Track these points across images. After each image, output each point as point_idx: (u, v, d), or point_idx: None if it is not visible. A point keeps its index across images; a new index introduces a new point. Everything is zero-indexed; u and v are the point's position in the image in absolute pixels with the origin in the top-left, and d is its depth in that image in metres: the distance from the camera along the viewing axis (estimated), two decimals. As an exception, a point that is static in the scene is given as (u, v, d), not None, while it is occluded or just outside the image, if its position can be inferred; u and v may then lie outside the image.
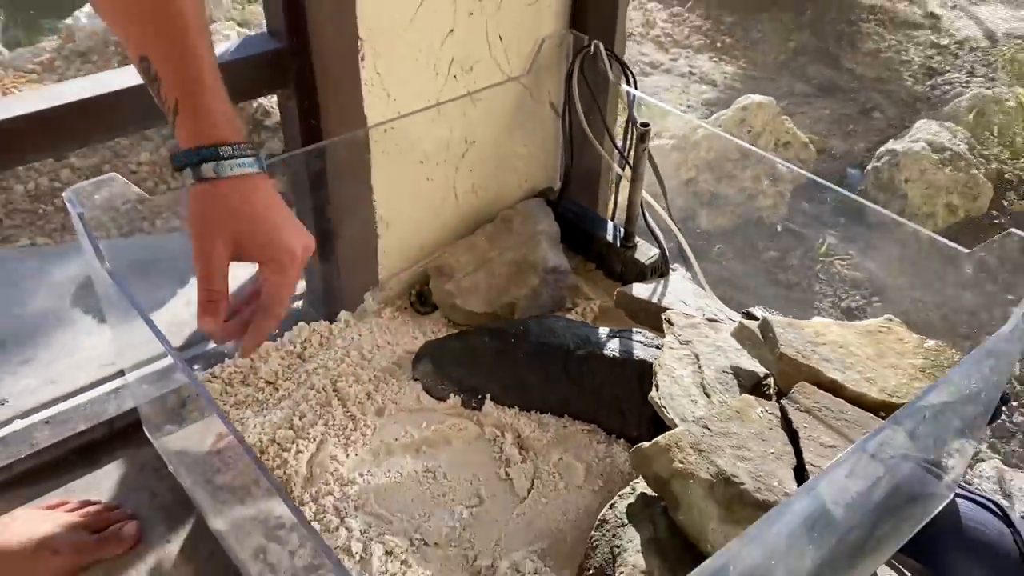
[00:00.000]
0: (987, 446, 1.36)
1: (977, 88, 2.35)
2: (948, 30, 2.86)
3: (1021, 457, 1.35)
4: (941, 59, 2.68)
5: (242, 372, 1.21)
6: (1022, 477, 1.28)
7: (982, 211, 1.83)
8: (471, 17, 1.23)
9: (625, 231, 1.38)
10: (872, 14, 2.87)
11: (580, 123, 1.36)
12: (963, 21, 2.94)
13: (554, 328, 1.16)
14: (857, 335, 1.05)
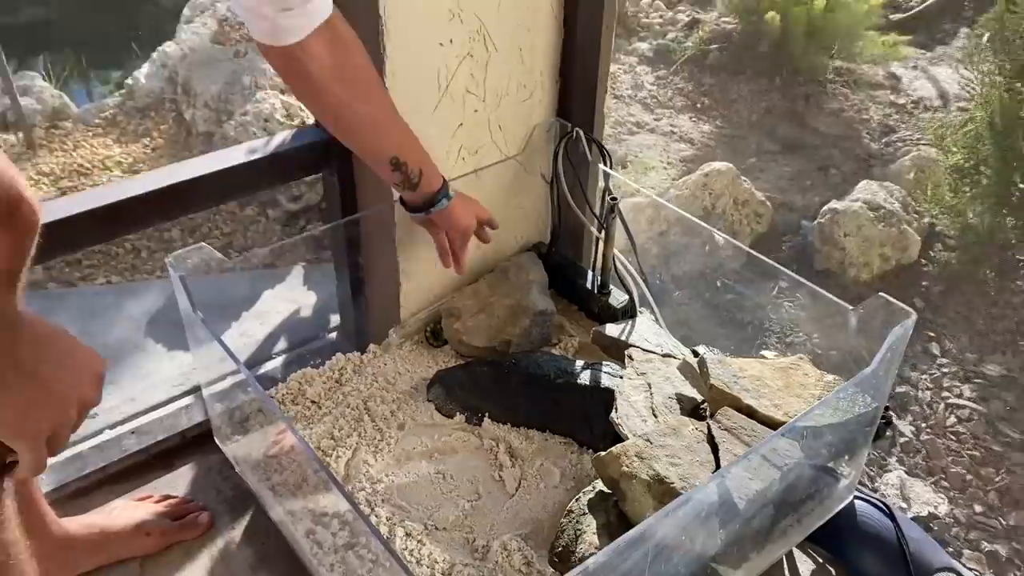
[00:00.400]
0: (896, 460, 1.61)
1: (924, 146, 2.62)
2: (906, 90, 3.13)
3: (922, 469, 1.60)
4: (897, 117, 2.95)
5: (292, 393, 1.48)
6: (919, 484, 1.53)
7: (912, 259, 2.08)
8: (476, 113, 1.51)
9: (601, 280, 1.66)
10: (839, 75, 3.14)
11: (565, 194, 1.63)
12: (920, 81, 3.21)
13: (539, 362, 1.43)
14: (772, 370, 1.32)
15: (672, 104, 2.84)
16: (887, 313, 1.20)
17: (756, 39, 2.97)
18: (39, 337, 0.74)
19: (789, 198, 2.39)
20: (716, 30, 3.20)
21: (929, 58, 3.51)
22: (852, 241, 2.01)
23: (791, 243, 2.24)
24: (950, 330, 1.97)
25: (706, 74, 3.02)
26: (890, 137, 2.80)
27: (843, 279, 2.12)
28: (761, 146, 2.67)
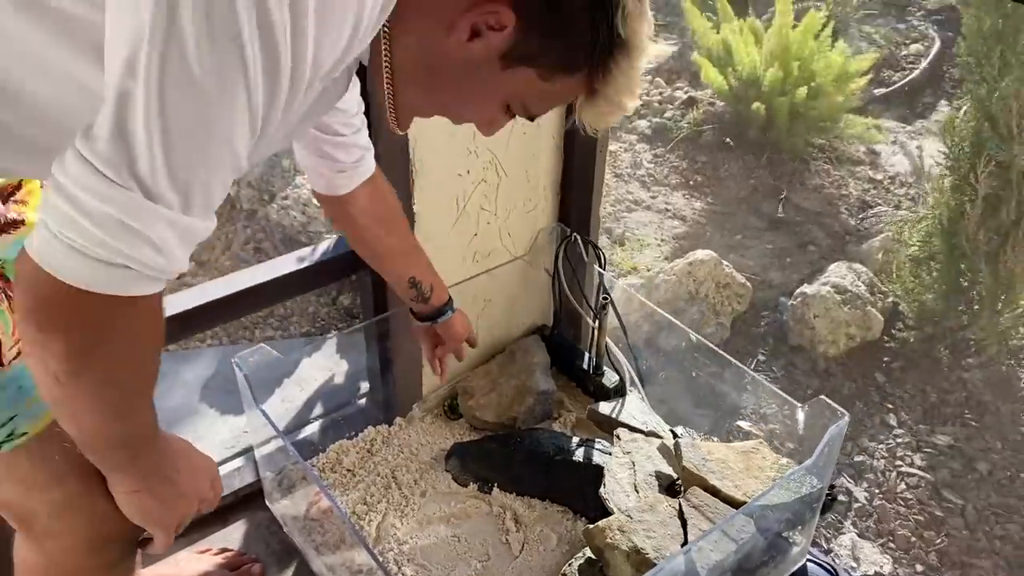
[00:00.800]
0: (850, 523, 1.82)
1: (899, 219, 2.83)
2: (884, 166, 3.35)
3: (873, 531, 1.80)
4: (875, 193, 3.16)
5: (330, 462, 1.70)
6: (868, 546, 1.73)
7: (876, 337, 2.29)
8: (488, 225, 1.74)
9: (595, 363, 1.88)
10: (822, 152, 3.37)
11: (564, 288, 1.86)
12: (897, 157, 3.43)
13: (541, 440, 1.65)
14: (735, 454, 1.54)
15: (668, 181, 3.06)
16: (828, 411, 1.41)
17: (745, 123, 3.20)
18: (173, 451, 0.97)
19: (770, 275, 2.60)
20: (710, 111, 3.43)
21: (908, 132, 3.72)
22: (821, 322, 2.23)
23: (769, 319, 2.45)
24: (907, 403, 2.17)
25: (700, 152, 3.25)
26: (866, 213, 3.01)
27: (813, 354, 2.33)
28: (747, 223, 2.88)
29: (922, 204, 2.83)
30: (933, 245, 2.11)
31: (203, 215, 0.70)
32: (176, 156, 0.65)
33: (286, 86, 0.67)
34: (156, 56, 0.62)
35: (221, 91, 0.64)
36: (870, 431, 2.08)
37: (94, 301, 0.68)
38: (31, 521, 1.01)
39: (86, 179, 0.64)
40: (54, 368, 0.71)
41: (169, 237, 0.68)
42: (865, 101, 3.69)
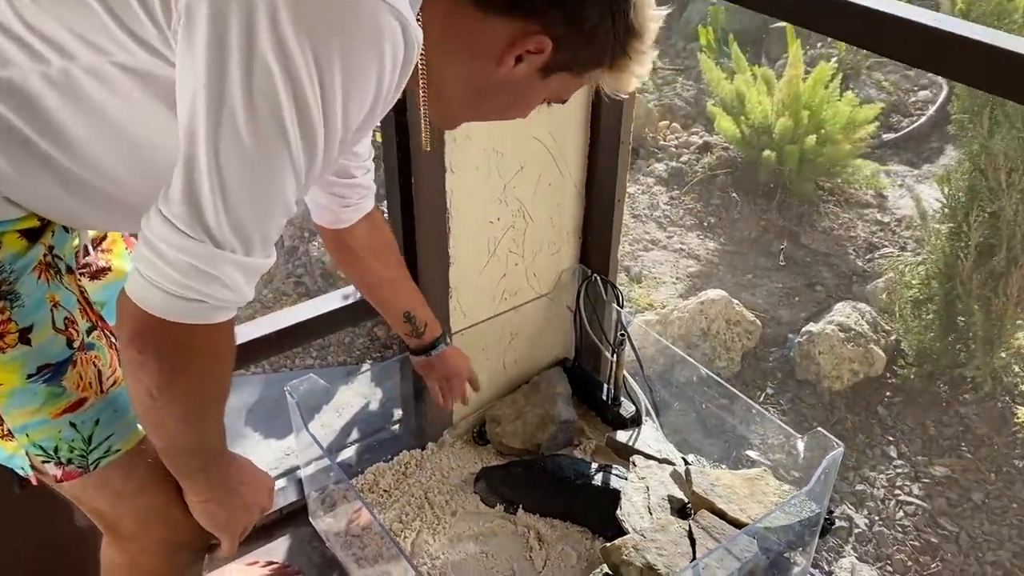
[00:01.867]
0: (851, 547, 1.91)
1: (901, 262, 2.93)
2: (891, 209, 3.46)
3: (872, 556, 1.89)
4: (882, 235, 3.27)
5: (368, 484, 1.83)
6: (867, 569, 1.83)
7: (878, 373, 2.39)
8: (516, 266, 1.87)
9: (614, 394, 1.99)
10: (831, 195, 3.48)
11: (585, 325, 1.99)
12: (904, 200, 3.54)
13: (563, 465, 1.77)
14: (741, 480, 1.65)
15: (683, 223, 3.19)
16: (825, 442, 1.52)
17: (756, 168, 3.32)
18: (238, 465, 1.10)
19: (778, 313, 2.71)
20: (723, 156, 3.56)
21: (915, 175, 3.83)
22: (826, 358, 2.34)
23: (777, 355, 2.56)
24: (906, 435, 2.26)
25: (714, 195, 3.37)
26: (873, 254, 3.11)
27: (819, 388, 2.43)
28: (757, 263, 3.00)
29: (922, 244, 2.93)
30: (931, 288, 2.22)
31: (263, 254, 0.82)
32: (236, 211, 0.78)
33: (322, 147, 0.79)
34: (212, 128, 0.74)
35: (269, 156, 0.76)
36: (871, 462, 2.18)
37: (180, 329, 0.81)
38: (117, 526, 1.14)
39: (167, 234, 0.78)
40: (148, 384, 0.85)
41: (236, 276, 0.81)
42: (874, 146, 3.80)
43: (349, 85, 0.76)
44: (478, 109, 1.00)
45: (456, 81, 0.95)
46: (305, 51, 0.73)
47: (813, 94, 3.27)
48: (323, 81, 0.75)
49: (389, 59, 0.78)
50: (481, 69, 0.92)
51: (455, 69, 0.93)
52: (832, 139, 3.22)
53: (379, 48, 0.76)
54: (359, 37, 0.75)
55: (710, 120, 3.66)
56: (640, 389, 1.96)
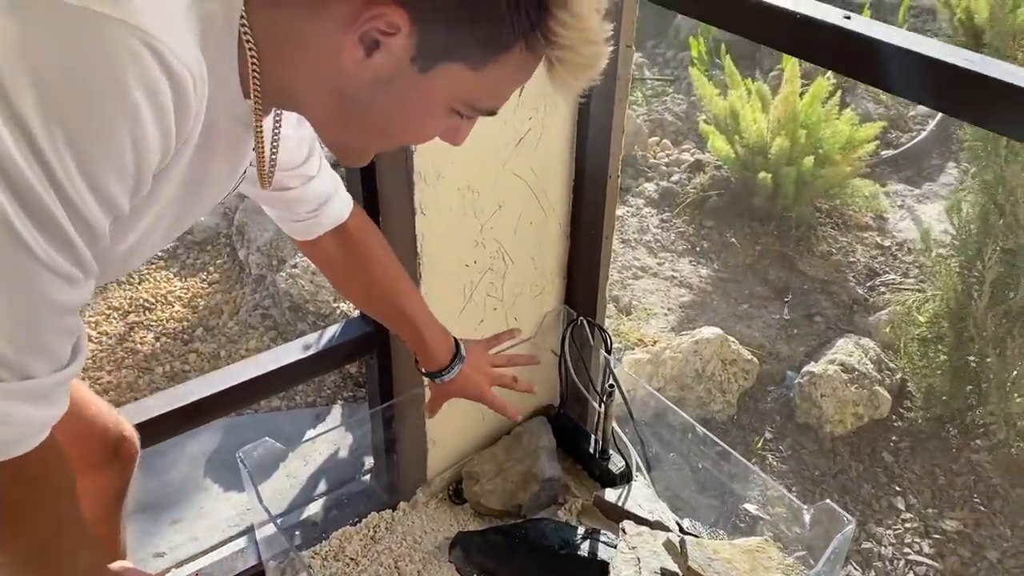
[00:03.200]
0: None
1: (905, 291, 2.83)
2: (891, 231, 3.35)
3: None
4: (883, 259, 3.16)
5: (333, 551, 1.69)
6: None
7: (883, 416, 2.28)
8: (495, 311, 1.74)
9: (602, 447, 1.87)
10: (829, 217, 3.37)
11: (571, 372, 1.86)
12: (905, 222, 3.43)
13: (546, 532, 1.64)
14: (741, 552, 1.52)
15: (674, 248, 3.07)
16: (833, 517, 1.40)
17: (751, 189, 3.21)
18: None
19: (776, 348, 2.59)
20: (716, 176, 3.45)
21: (916, 195, 3.73)
22: (828, 401, 2.22)
23: (775, 394, 2.44)
24: (915, 485, 2.15)
25: (706, 217, 3.26)
26: (874, 281, 3.00)
27: (820, 433, 2.32)
28: (753, 292, 2.88)
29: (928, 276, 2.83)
30: (941, 326, 2.11)
31: (48, 369, 0.66)
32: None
33: (75, 232, 0.62)
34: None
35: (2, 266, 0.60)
36: (877, 515, 2.06)
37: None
38: None
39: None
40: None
41: (13, 407, 0.65)
42: (872, 164, 3.69)
43: (84, 147, 0.58)
44: (357, 124, 0.77)
45: (312, 93, 0.75)
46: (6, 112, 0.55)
47: (810, 112, 3.17)
48: (40, 151, 0.57)
49: (144, 103, 0.59)
50: (330, 67, 0.71)
51: (306, 79, 0.73)
52: (831, 160, 3.11)
53: (123, 95, 0.58)
54: (89, 83, 0.57)
55: (702, 136, 3.55)
56: (630, 441, 1.84)
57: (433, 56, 0.70)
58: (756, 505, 1.78)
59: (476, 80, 0.73)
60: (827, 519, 1.42)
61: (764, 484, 1.57)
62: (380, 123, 0.77)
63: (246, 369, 1.60)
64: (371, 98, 0.73)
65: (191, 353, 2.59)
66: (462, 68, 0.71)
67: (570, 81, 0.73)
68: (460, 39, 0.70)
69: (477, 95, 0.75)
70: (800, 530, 1.50)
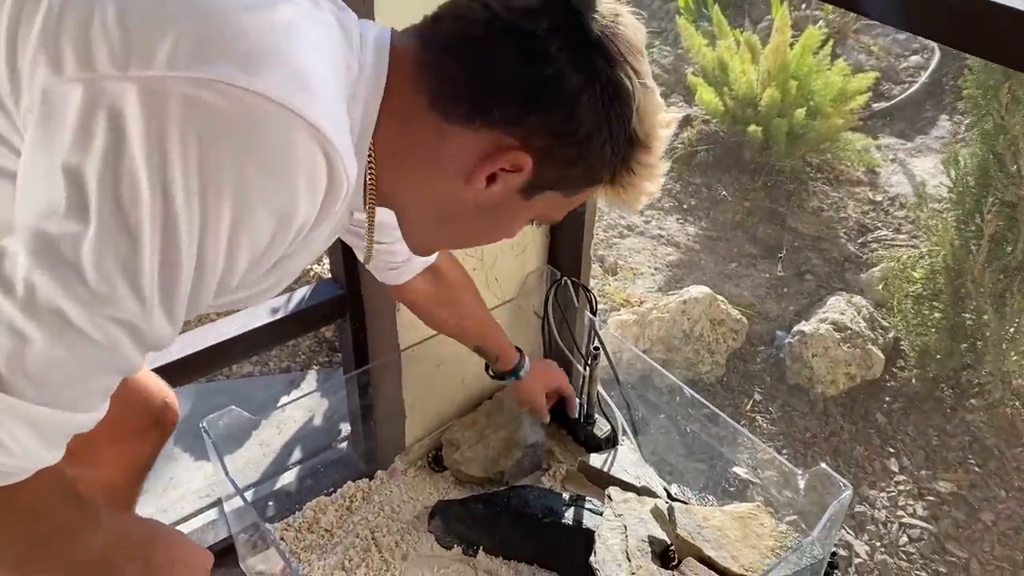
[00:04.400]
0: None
1: (897, 247, 2.78)
2: (883, 186, 3.30)
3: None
4: (874, 215, 3.11)
5: (308, 522, 1.64)
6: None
7: (876, 376, 2.24)
8: (474, 271, 1.68)
9: (587, 411, 1.82)
10: (819, 172, 3.32)
11: (554, 334, 1.80)
12: (897, 176, 3.38)
13: (529, 500, 1.59)
14: (731, 519, 1.48)
15: (661, 205, 3.01)
16: (828, 482, 1.36)
17: (740, 143, 3.15)
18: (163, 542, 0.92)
19: (766, 307, 2.55)
20: (704, 130, 3.38)
21: (908, 149, 3.68)
22: (820, 361, 2.18)
23: (765, 355, 2.40)
24: (908, 446, 2.12)
25: (694, 173, 3.19)
26: (866, 237, 2.96)
27: (812, 394, 2.28)
28: (742, 249, 2.83)
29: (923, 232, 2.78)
30: (937, 283, 2.06)
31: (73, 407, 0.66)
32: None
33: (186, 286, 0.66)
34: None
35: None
36: (871, 477, 2.03)
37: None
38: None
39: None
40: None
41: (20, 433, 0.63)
42: (864, 117, 3.63)
43: (241, 218, 0.64)
44: (450, 233, 0.89)
45: (417, 203, 0.85)
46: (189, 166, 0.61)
47: (802, 62, 3.09)
48: (205, 209, 0.62)
49: (304, 193, 0.66)
50: (446, 189, 0.81)
51: (415, 189, 0.83)
52: (822, 111, 3.04)
53: (289, 180, 0.65)
54: (264, 161, 0.63)
55: (689, 89, 3.47)
56: (616, 405, 1.79)
57: (541, 187, 0.81)
58: (746, 469, 1.74)
59: (565, 203, 0.86)
60: (821, 484, 1.38)
61: (754, 447, 1.53)
62: (472, 235, 0.90)
63: (208, 335, 1.54)
64: (472, 216, 0.83)
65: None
66: (559, 196, 0.83)
67: (627, 203, 0.86)
68: (568, 175, 0.81)
69: (559, 213, 0.88)
70: (792, 495, 1.46)
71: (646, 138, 0.80)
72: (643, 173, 0.82)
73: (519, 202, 0.82)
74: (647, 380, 1.94)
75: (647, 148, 0.80)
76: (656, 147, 0.81)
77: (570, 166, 0.79)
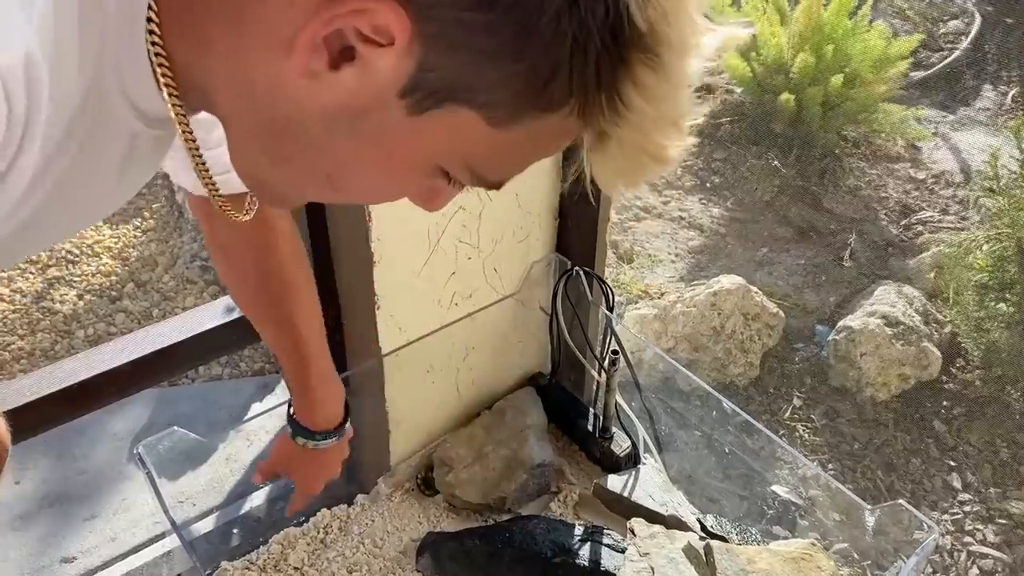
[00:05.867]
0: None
1: (946, 231, 2.55)
2: (926, 163, 3.07)
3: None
4: (917, 194, 2.88)
5: (275, 558, 1.43)
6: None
7: (933, 377, 2.02)
8: (470, 260, 1.46)
9: (603, 424, 1.60)
10: (856, 147, 3.08)
11: (564, 333, 1.58)
12: (941, 152, 3.14)
13: (535, 534, 1.37)
14: (782, 562, 1.25)
15: (681, 184, 2.78)
16: (906, 522, 1.14)
17: (769, 115, 2.91)
18: None
19: (802, 298, 2.32)
20: (728, 100, 3.15)
21: (951, 122, 3.45)
22: (869, 360, 1.96)
23: (804, 353, 2.18)
24: (973, 459, 1.90)
25: (717, 148, 2.97)
26: (910, 219, 2.73)
27: (860, 397, 2.06)
28: (774, 233, 2.60)
29: (975, 211, 2.55)
30: (1006, 272, 1.84)
31: None
32: None
33: None
34: None
35: None
36: (931, 497, 1.81)
37: None
38: None
39: None
40: None
41: None
42: (902, 87, 3.41)
43: None
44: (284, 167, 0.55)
45: (230, 99, 0.53)
46: None
47: (837, 25, 2.85)
48: None
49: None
50: (267, 72, 0.49)
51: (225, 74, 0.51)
52: (861, 79, 2.80)
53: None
54: None
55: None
56: (636, 416, 1.56)
57: (437, 93, 0.48)
58: (787, 488, 1.52)
59: (491, 140, 0.51)
60: (897, 524, 1.15)
61: (794, 462, 1.31)
62: (327, 170, 0.55)
63: (152, 339, 1.32)
64: (321, 134, 0.51)
65: (119, 313, 2.31)
66: (476, 119, 0.49)
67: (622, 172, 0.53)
68: (485, 76, 0.47)
69: (486, 160, 0.54)
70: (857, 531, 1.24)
71: (652, 35, 0.45)
72: (646, 109, 0.48)
73: (402, 122, 0.50)
74: (671, 385, 1.72)
75: (652, 55, 0.46)
76: (669, 60, 0.46)
77: (489, 55, 0.46)
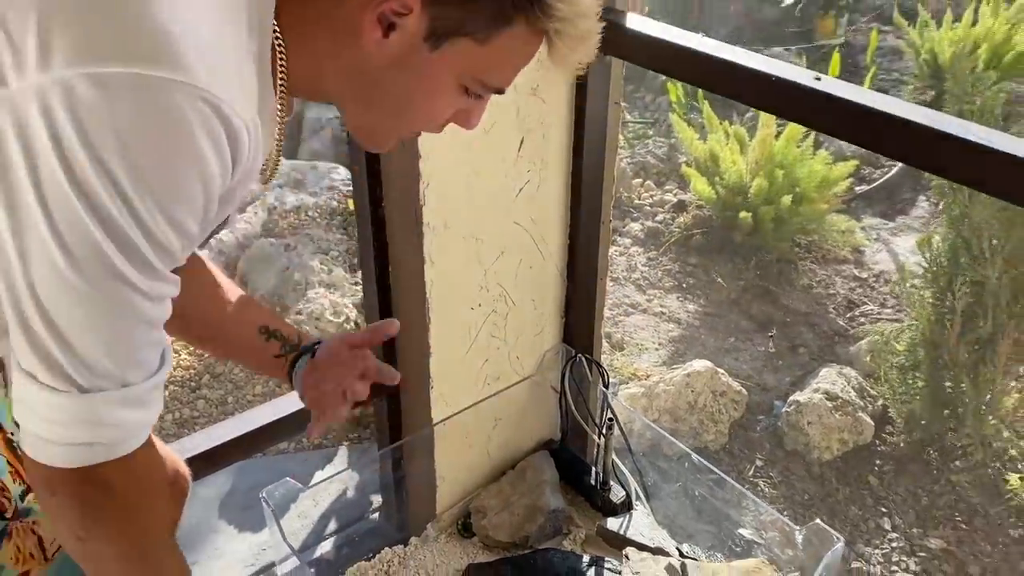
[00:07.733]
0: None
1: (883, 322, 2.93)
2: (868, 264, 3.47)
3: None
4: (861, 291, 3.27)
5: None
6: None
7: (867, 441, 2.37)
8: (498, 350, 1.82)
9: (603, 478, 1.94)
10: (808, 252, 3.49)
11: (570, 406, 1.94)
12: (881, 254, 3.55)
13: (553, 561, 1.70)
14: (739, 574, 1.59)
15: (661, 284, 3.17)
16: (824, 535, 1.48)
17: (732, 228, 3.33)
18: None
19: (763, 379, 2.69)
20: (699, 215, 3.57)
21: (890, 228, 3.86)
22: (814, 428, 2.31)
23: (764, 423, 2.53)
24: (899, 506, 2.23)
25: (691, 255, 3.37)
26: (854, 312, 3.11)
27: (808, 459, 2.40)
28: (739, 325, 2.98)
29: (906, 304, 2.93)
30: (917, 354, 2.21)
31: (142, 376, 0.76)
32: (89, 353, 0.71)
33: (157, 258, 0.71)
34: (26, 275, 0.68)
35: (103, 291, 0.70)
36: (865, 535, 2.14)
37: (86, 471, 0.76)
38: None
39: (33, 391, 0.73)
40: (71, 527, 0.80)
41: (117, 413, 0.75)
42: (847, 199, 3.83)
43: (163, 192, 0.68)
44: (379, 110, 0.83)
45: (341, 82, 0.81)
46: (98, 169, 0.65)
47: (786, 153, 3.30)
48: (129, 200, 0.67)
49: (209, 148, 0.68)
50: (354, 56, 0.78)
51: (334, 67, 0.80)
52: (807, 197, 3.23)
53: (191, 145, 0.67)
54: (164, 139, 0.66)
55: (684, 179, 3.67)
56: (629, 472, 1.92)
57: (444, 33, 0.76)
58: (751, 530, 1.86)
59: (484, 55, 0.78)
60: (817, 539, 1.49)
61: (757, 509, 1.65)
62: (398, 104, 0.82)
63: (255, 417, 1.67)
64: (391, 79, 0.79)
65: (199, 400, 2.65)
66: (470, 43, 0.77)
67: (569, 55, 0.80)
68: (468, 15, 0.76)
69: (485, 70, 0.80)
70: (792, 551, 1.58)
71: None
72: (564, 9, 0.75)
73: (429, 57, 0.77)
74: (657, 448, 2.05)
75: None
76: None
77: (466, 2, 0.76)
